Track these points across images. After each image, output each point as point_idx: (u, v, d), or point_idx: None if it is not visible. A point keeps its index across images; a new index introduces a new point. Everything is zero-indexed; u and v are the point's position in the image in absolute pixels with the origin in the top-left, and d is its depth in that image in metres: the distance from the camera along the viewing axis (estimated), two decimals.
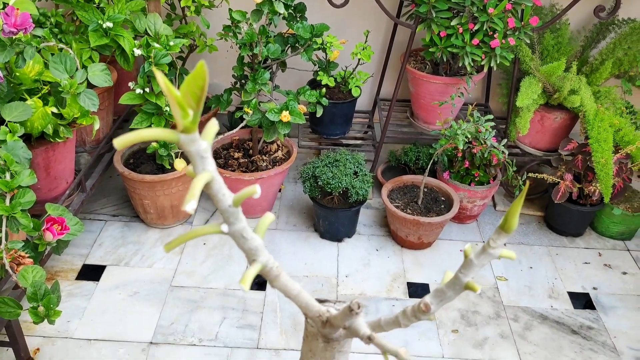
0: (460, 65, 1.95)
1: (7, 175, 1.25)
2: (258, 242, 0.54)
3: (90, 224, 2.12)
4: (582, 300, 1.89)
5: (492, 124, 1.90)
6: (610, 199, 1.97)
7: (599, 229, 2.16)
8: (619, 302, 1.89)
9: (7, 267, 1.14)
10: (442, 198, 2.08)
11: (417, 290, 1.90)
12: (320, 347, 0.64)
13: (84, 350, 1.65)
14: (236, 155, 2.16)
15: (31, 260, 1.24)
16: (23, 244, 1.22)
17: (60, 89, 1.47)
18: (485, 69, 1.98)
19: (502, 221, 0.49)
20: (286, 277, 0.58)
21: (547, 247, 2.12)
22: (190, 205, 0.43)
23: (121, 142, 0.47)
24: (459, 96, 1.97)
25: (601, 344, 1.74)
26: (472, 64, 1.90)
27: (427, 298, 0.52)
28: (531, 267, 2.01)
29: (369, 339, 0.50)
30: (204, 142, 0.48)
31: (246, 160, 2.14)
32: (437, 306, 0.51)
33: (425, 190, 2.10)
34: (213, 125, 0.49)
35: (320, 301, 0.63)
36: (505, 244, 0.54)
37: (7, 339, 1.52)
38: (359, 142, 2.37)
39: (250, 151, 2.18)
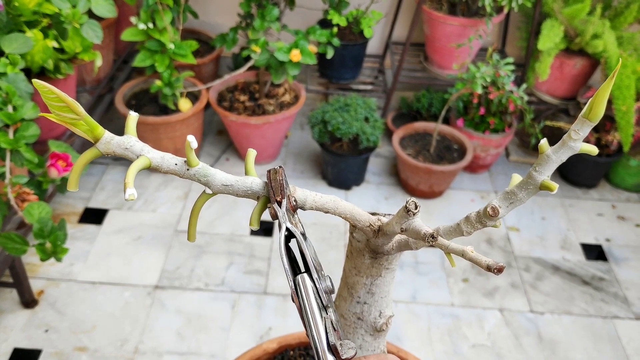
0: (479, 5, 1.85)
1: (9, 107, 1.18)
2: (250, 179, 0.49)
3: (92, 168, 2.06)
4: (594, 252, 1.87)
5: (512, 67, 1.83)
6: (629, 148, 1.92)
7: (614, 180, 2.12)
8: (631, 254, 1.86)
9: (13, 202, 1.08)
10: (455, 146, 2.02)
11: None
12: (367, 264, 0.59)
13: (89, 293, 1.61)
14: (242, 98, 2.08)
15: (36, 196, 1.18)
16: (28, 179, 1.16)
17: (62, 19, 1.38)
18: (506, 10, 1.88)
19: (587, 109, 0.40)
20: (311, 193, 0.52)
21: (561, 198, 2.08)
22: (128, 192, 0.41)
23: (71, 182, 0.46)
24: (477, 38, 1.89)
25: (612, 295, 1.72)
26: (492, 4, 1.81)
27: (495, 201, 0.46)
28: (544, 218, 1.98)
29: (432, 238, 0.44)
30: (120, 137, 0.46)
31: (252, 104, 2.06)
32: (506, 210, 0.46)
33: (438, 138, 2.03)
34: (133, 117, 0.47)
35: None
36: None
37: (11, 280, 1.49)
38: (369, 87, 2.29)
39: (257, 95, 2.10)
